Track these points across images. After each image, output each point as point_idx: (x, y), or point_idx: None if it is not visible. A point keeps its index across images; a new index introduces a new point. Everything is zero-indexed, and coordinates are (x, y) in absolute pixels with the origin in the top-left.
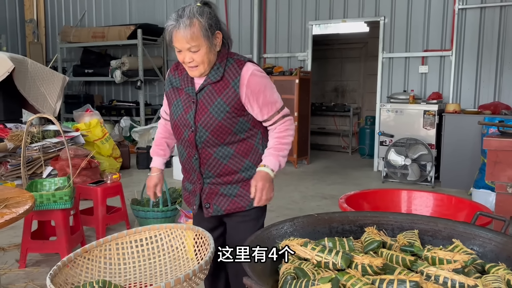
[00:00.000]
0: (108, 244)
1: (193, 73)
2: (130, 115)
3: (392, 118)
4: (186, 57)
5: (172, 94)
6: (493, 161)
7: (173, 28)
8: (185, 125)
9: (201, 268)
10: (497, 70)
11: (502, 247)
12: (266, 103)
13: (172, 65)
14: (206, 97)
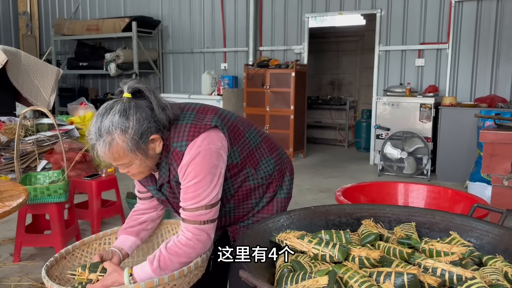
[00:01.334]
0: (108, 237)
1: (137, 178)
2: None
3: (388, 112)
4: (120, 169)
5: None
6: (489, 154)
7: (93, 144)
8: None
9: (197, 265)
10: (493, 63)
11: (499, 239)
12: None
13: None
14: (171, 194)
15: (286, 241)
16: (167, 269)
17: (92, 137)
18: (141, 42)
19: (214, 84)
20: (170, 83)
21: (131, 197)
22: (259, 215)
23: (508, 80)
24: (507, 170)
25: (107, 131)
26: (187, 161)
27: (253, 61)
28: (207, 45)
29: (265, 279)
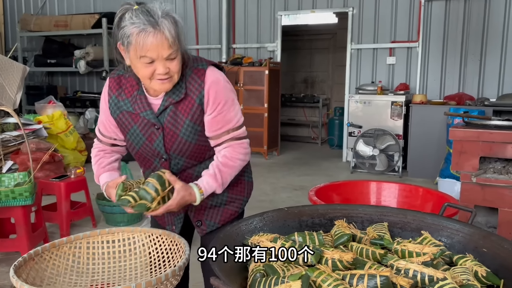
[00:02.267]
0: (79, 241)
1: (165, 86)
2: (95, 107)
3: (360, 109)
4: (161, 68)
5: (123, 120)
6: (458, 151)
7: (147, 32)
8: (153, 155)
9: (174, 273)
10: (461, 62)
11: (469, 238)
12: (220, 119)
13: (109, 79)
14: (171, 121)
15: (259, 245)
16: (225, 183)
17: (143, 24)
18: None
19: None
20: None
21: (101, 198)
22: (231, 195)
23: (475, 78)
24: (475, 167)
25: (166, 12)
26: (215, 85)
27: (226, 58)
28: None
29: (237, 285)
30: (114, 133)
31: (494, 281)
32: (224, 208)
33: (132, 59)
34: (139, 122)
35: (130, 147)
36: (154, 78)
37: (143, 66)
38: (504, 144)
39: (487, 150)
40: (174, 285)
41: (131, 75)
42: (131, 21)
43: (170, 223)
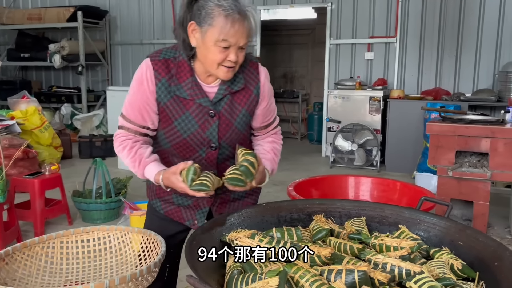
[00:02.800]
0: (52, 241)
1: (228, 75)
2: (71, 102)
3: (339, 104)
4: (232, 55)
5: (174, 106)
6: (435, 145)
7: (235, 17)
8: (201, 144)
9: (149, 269)
10: (438, 57)
11: (445, 232)
12: (270, 109)
13: (151, 62)
14: (227, 109)
15: (236, 241)
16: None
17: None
18: (88, 32)
19: None
20: (118, 75)
21: (77, 195)
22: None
23: (451, 74)
24: (452, 161)
25: (251, 5)
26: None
27: None
28: (157, 36)
29: (214, 282)
30: (150, 121)
31: (469, 274)
32: (244, 201)
33: (207, 41)
34: (193, 109)
35: (173, 136)
36: (221, 65)
37: (218, 51)
38: (479, 138)
39: (463, 144)
40: (150, 281)
41: (186, 59)
42: (218, 3)
43: (190, 218)
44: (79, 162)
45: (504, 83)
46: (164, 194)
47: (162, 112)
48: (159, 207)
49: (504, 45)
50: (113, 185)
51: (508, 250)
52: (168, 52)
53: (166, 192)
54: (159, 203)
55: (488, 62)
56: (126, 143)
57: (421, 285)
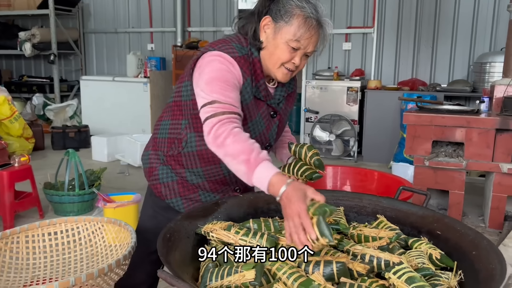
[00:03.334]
0: (16, 236)
1: (287, 77)
2: (43, 92)
3: (317, 95)
4: (298, 59)
5: (253, 107)
6: (412, 135)
7: (312, 22)
8: (262, 144)
9: (119, 263)
10: (414, 48)
11: (423, 221)
12: None
13: (234, 58)
14: (284, 111)
15: (212, 233)
16: None
17: (314, 12)
18: (60, 20)
19: (140, 65)
20: (92, 64)
21: (48, 187)
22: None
23: (427, 65)
24: (428, 151)
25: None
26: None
27: (182, 42)
28: (132, 25)
29: (188, 276)
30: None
31: (448, 263)
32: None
33: (278, 38)
34: (263, 110)
35: None
36: (283, 66)
37: (287, 50)
38: (455, 128)
39: (439, 134)
40: (120, 275)
41: (259, 57)
42: (300, 4)
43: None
44: (51, 153)
45: (478, 74)
46: (189, 192)
47: (242, 108)
48: (179, 206)
49: (478, 37)
50: (87, 177)
51: (486, 239)
52: (241, 49)
53: (191, 189)
54: (180, 201)
55: (463, 53)
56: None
57: (400, 275)
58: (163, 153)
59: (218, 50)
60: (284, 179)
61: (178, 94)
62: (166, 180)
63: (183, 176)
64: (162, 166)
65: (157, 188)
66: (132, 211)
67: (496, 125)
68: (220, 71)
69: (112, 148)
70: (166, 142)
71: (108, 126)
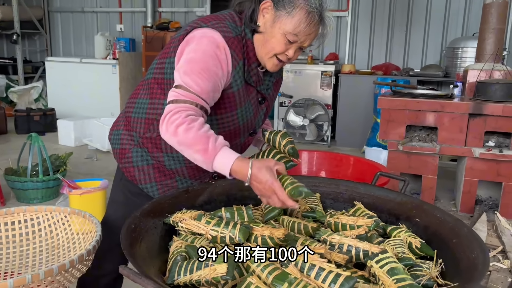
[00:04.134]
0: None
1: (277, 68)
2: (6, 73)
3: (291, 79)
4: (291, 52)
5: (244, 92)
6: (386, 120)
7: (314, 18)
8: (247, 130)
9: (82, 258)
10: (388, 32)
11: (402, 208)
12: None
13: (224, 38)
14: (271, 97)
15: (181, 223)
16: None
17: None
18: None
19: (109, 47)
20: (58, 45)
21: (10, 173)
22: None
23: (401, 49)
24: (402, 135)
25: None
26: None
27: (152, 23)
28: (100, 4)
29: (155, 269)
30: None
31: (427, 252)
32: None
33: (276, 27)
34: (252, 96)
35: (229, 123)
36: (276, 56)
37: (282, 42)
38: (429, 113)
39: (413, 118)
40: (83, 271)
41: (251, 39)
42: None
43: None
44: (15, 137)
45: (450, 59)
46: (166, 177)
47: (228, 98)
48: (154, 192)
49: (451, 22)
50: (51, 162)
51: (466, 227)
52: (234, 28)
53: (167, 175)
54: (155, 187)
55: (436, 38)
56: (196, 118)
57: (383, 265)
58: (138, 134)
59: (210, 27)
60: (246, 162)
61: (160, 71)
62: (141, 163)
63: (160, 160)
64: (137, 148)
65: (130, 172)
66: (99, 197)
67: (469, 110)
68: (204, 54)
69: (79, 132)
70: (143, 122)
71: (75, 110)
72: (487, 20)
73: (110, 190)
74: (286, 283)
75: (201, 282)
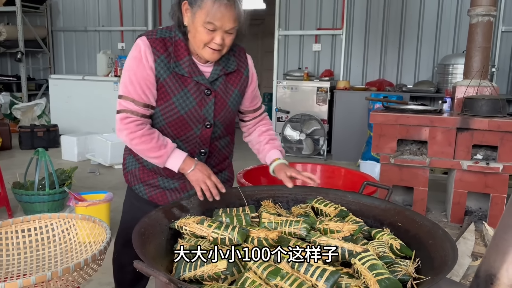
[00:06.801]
0: None
1: (213, 57)
2: (10, 91)
3: (288, 95)
4: (218, 38)
5: (173, 82)
6: (378, 134)
7: (222, 1)
8: (197, 121)
9: (95, 257)
10: (381, 49)
11: (385, 214)
12: (257, 94)
13: (148, 40)
14: (222, 89)
15: (185, 227)
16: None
17: None
18: (27, 18)
19: (110, 64)
20: (61, 63)
21: (17, 187)
22: (229, 174)
23: (394, 66)
24: (393, 149)
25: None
26: (252, 63)
27: None
28: (102, 23)
29: (163, 267)
30: (153, 98)
31: (407, 253)
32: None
33: (196, 22)
34: (190, 86)
35: (170, 112)
36: (207, 46)
37: (204, 32)
38: (419, 127)
39: (404, 132)
40: (96, 270)
41: (182, 38)
42: None
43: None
44: (19, 153)
45: (442, 75)
46: (149, 178)
47: (160, 88)
48: (142, 192)
49: (442, 40)
50: (57, 176)
51: (441, 229)
52: (164, 32)
53: (150, 176)
54: (142, 187)
55: (428, 55)
56: (141, 127)
57: (365, 262)
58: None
59: (143, 35)
60: (191, 162)
61: None
62: (131, 167)
63: (141, 162)
64: (129, 156)
65: (126, 177)
66: (104, 209)
67: (457, 124)
68: (130, 61)
69: (82, 147)
70: None
71: (78, 126)
72: (473, 39)
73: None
74: (279, 277)
75: (204, 277)
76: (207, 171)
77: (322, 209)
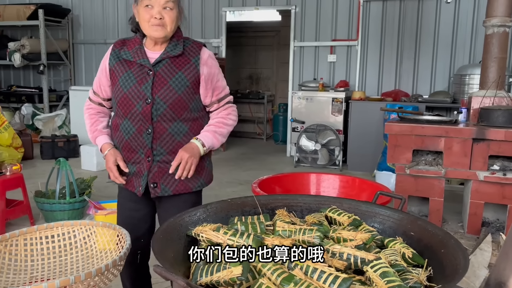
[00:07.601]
0: (15, 239)
1: (158, 33)
2: (32, 102)
3: (303, 105)
4: (155, 12)
5: (120, 67)
6: (394, 144)
7: None
8: (138, 97)
9: (115, 263)
10: (397, 60)
11: (399, 223)
12: (217, 86)
13: (113, 44)
14: (165, 70)
15: (202, 234)
16: (222, 136)
17: None
18: (50, 31)
19: None
20: (81, 74)
21: (39, 196)
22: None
23: (410, 76)
24: (409, 159)
25: None
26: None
27: None
28: (121, 36)
29: (180, 273)
30: (106, 91)
31: (419, 261)
32: (181, 181)
33: (139, 10)
34: (134, 68)
35: (117, 92)
36: (150, 24)
37: (144, 11)
38: (434, 138)
39: (420, 143)
40: (116, 275)
41: (139, 35)
42: None
43: (137, 186)
44: (40, 163)
45: (458, 85)
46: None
47: (112, 74)
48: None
49: (458, 50)
50: (77, 185)
51: (453, 238)
52: (128, 37)
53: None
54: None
55: (444, 66)
56: (88, 112)
57: (377, 269)
58: None
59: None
60: (106, 147)
61: None
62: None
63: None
64: None
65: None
66: None
67: (472, 135)
68: (102, 61)
69: (101, 157)
70: None
71: None
72: (489, 49)
73: None
74: (292, 283)
75: (220, 282)
76: (113, 157)
77: (336, 218)
